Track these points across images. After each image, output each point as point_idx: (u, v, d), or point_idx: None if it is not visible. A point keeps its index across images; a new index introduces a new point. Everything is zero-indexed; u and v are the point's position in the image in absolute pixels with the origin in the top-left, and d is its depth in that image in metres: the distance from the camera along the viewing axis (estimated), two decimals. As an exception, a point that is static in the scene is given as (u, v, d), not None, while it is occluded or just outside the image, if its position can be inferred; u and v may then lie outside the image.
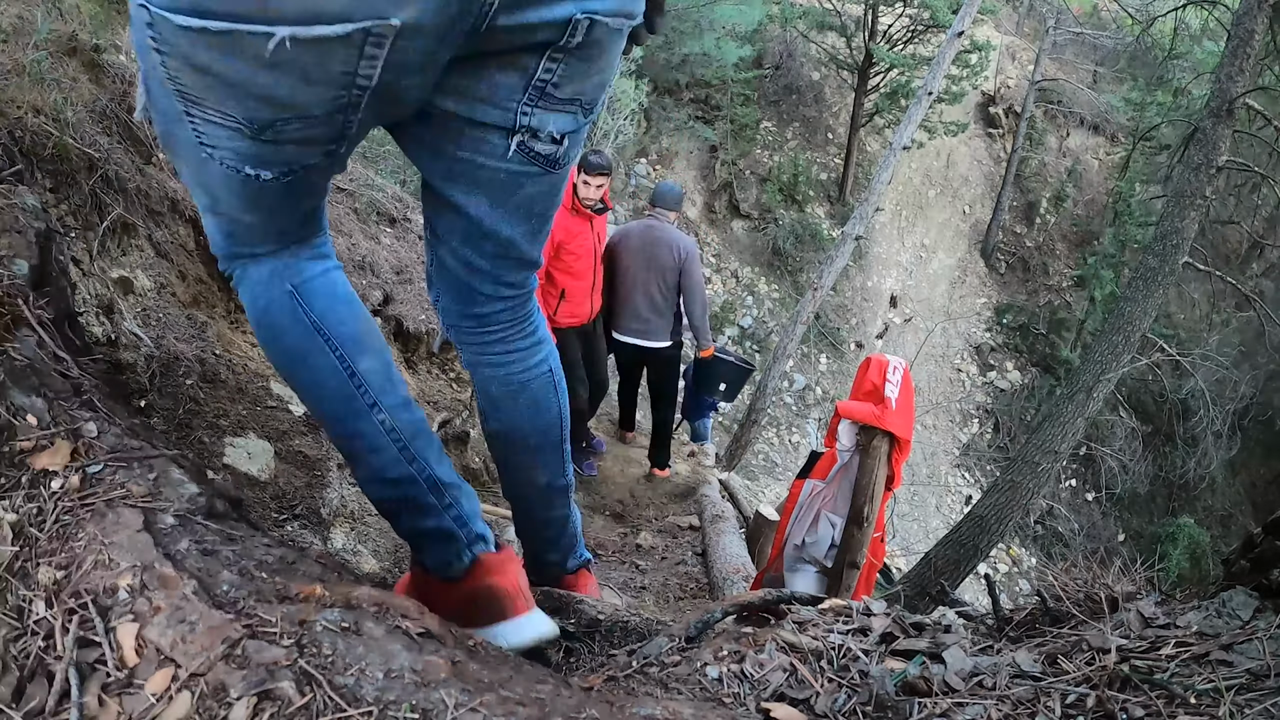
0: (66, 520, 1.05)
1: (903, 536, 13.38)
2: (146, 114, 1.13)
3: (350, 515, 2.93)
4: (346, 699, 0.86)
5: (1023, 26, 21.02)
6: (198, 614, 0.92)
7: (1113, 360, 6.91)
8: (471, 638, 1.14)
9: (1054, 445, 7.03)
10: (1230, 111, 6.45)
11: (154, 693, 0.86)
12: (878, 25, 16.05)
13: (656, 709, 0.99)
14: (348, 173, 4.83)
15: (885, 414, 2.55)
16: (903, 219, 17.78)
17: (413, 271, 4.57)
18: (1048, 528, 15.07)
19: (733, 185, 16.35)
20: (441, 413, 4.11)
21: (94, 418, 1.23)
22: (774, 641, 1.21)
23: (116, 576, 0.97)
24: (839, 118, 17.98)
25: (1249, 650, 0.98)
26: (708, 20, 12.98)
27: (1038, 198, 18.54)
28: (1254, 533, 1.18)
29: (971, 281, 17.95)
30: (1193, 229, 6.71)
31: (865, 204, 7.53)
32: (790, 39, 17.18)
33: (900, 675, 1.08)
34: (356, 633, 0.96)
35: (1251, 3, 6.36)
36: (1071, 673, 1.04)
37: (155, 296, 2.74)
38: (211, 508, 1.16)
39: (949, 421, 16.17)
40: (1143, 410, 15.34)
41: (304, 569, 1.14)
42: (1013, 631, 1.27)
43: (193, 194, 1.24)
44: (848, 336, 16.26)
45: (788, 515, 2.91)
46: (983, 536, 7.09)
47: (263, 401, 2.91)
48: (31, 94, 2.24)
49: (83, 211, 2.36)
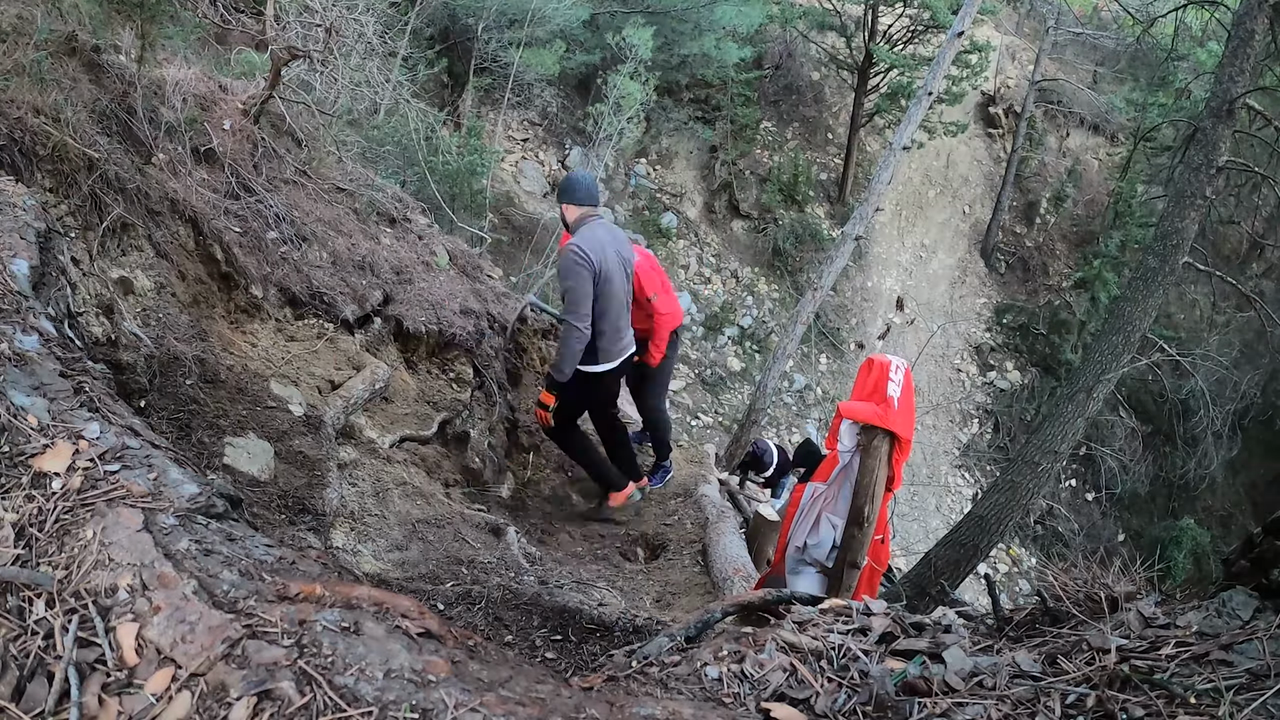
0: (66, 520, 1.05)
1: (903, 536, 13.37)
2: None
3: (350, 515, 2.92)
4: (346, 699, 0.86)
5: (1023, 26, 21.00)
6: (198, 614, 0.92)
7: (1113, 360, 6.90)
8: (471, 638, 1.14)
9: (1054, 445, 7.02)
10: (1231, 112, 6.45)
11: (154, 693, 0.86)
12: (878, 25, 16.04)
13: (656, 709, 0.99)
14: (347, 172, 4.83)
15: (888, 413, 2.55)
16: (903, 219, 17.78)
17: (413, 271, 4.57)
18: (1048, 528, 15.06)
19: (733, 185, 16.34)
20: (441, 413, 4.11)
21: (94, 418, 1.22)
22: (774, 641, 1.21)
23: (116, 576, 0.97)
24: (839, 118, 17.97)
25: (1249, 650, 0.98)
26: (708, 21, 12.98)
27: (1038, 198, 18.52)
28: (1254, 533, 1.18)
29: (971, 281, 17.94)
30: (1193, 229, 6.70)
31: (865, 204, 7.53)
32: (790, 39, 17.17)
33: (900, 675, 1.08)
34: (356, 633, 0.96)
35: (1252, 3, 6.36)
36: (1071, 673, 1.04)
37: (155, 296, 2.74)
38: (211, 507, 1.16)
39: (949, 421, 16.16)
40: (1143, 410, 15.33)
41: (304, 569, 1.14)
42: (1013, 631, 1.27)
43: None
44: (848, 336, 16.25)
45: (789, 519, 2.91)
46: (983, 536, 7.08)
47: (263, 401, 2.90)
48: (31, 94, 2.24)
49: (83, 211, 2.36)
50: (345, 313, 3.85)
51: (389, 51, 7.29)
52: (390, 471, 3.45)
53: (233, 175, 3.58)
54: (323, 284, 3.83)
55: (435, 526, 3.25)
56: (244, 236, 3.48)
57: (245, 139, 3.76)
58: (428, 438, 3.92)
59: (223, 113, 3.69)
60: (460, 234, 7.31)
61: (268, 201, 3.72)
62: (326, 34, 4.88)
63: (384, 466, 3.44)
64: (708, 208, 16.35)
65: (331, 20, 5.05)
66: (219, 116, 3.66)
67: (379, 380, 3.71)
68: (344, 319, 3.84)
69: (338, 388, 3.47)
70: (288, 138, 4.30)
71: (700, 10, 12.82)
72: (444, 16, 10.50)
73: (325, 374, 3.49)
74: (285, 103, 4.27)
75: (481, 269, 5.57)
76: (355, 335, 3.90)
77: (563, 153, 14.93)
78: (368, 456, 3.42)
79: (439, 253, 5.07)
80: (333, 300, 3.83)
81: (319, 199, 4.23)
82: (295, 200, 4.02)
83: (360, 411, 3.56)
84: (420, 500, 3.43)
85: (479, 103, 12.00)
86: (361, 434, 3.52)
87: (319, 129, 4.59)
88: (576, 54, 11.97)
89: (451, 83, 11.48)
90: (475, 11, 10.12)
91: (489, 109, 12.21)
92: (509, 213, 12.31)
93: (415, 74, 8.46)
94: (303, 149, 4.36)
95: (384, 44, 6.95)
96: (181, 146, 3.28)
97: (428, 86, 9.90)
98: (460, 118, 10.87)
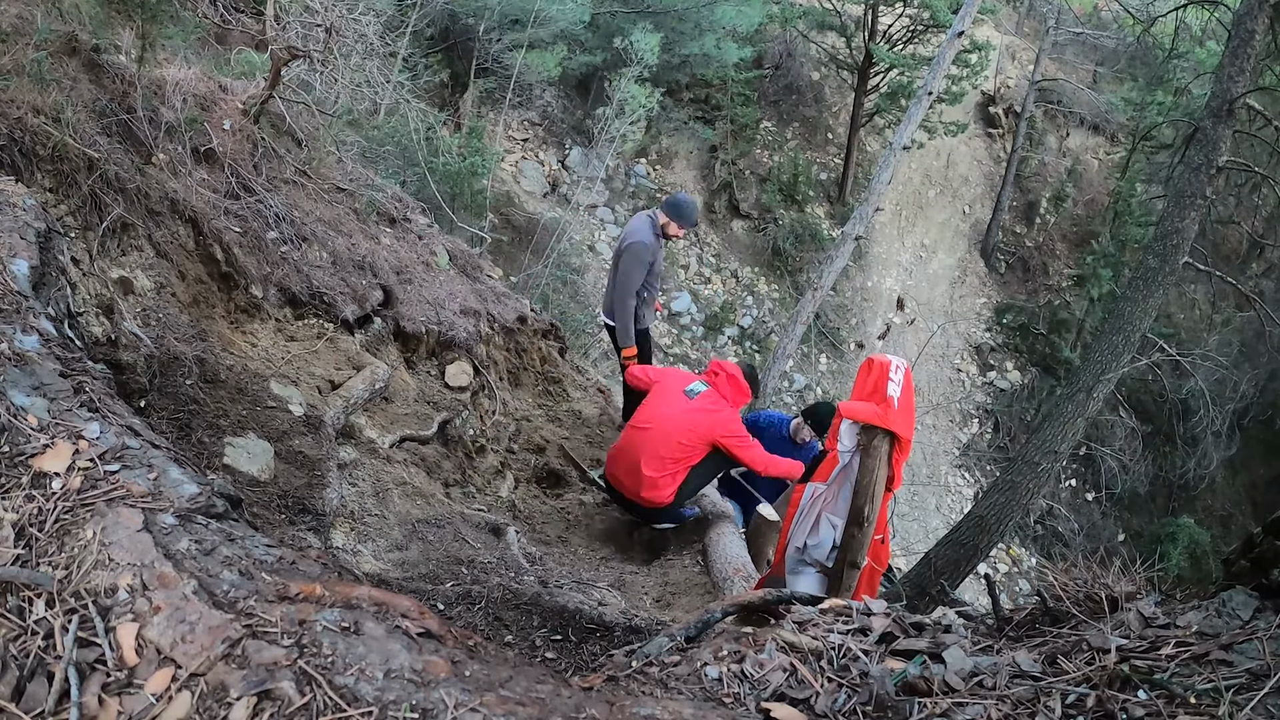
0: (66, 520, 1.05)
1: (903, 536, 13.36)
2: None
3: (350, 515, 2.92)
4: (346, 699, 0.86)
5: (1023, 26, 21.00)
6: (197, 614, 0.92)
7: (1113, 360, 6.90)
8: (471, 638, 1.14)
9: (1054, 445, 7.02)
10: (1231, 111, 6.45)
11: (154, 692, 0.86)
12: (878, 25, 16.03)
13: (656, 709, 0.99)
14: (347, 172, 4.83)
15: (888, 413, 2.55)
16: (903, 219, 17.77)
17: (413, 271, 4.57)
18: (1048, 528, 15.06)
19: (733, 185, 16.35)
20: (441, 413, 4.11)
21: (94, 418, 1.22)
22: (774, 641, 1.21)
23: (116, 576, 0.97)
24: (839, 118, 17.97)
25: (1249, 650, 0.98)
26: (708, 21, 12.97)
27: (1038, 198, 18.52)
28: (1254, 533, 1.18)
29: (971, 281, 17.94)
30: (1193, 229, 6.70)
31: (865, 204, 7.53)
32: (790, 39, 17.17)
33: (900, 675, 1.08)
34: (356, 633, 0.96)
35: (1252, 3, 6.36)
36: (1071, 673, 1.04)
37: (155, 296, 2.74)
38: (211, 507, 1.16)
39: (949, 421, 16.16)
40: (1143, 410, 15.32)
41: (304, 569, 1.14)
42: (1013, 631, 1.27)
43: None
44: (848, 336, 16.25)
45: (789, 519, 2.91)
46: (983, 536, 7.08)
47: (263, 401, 2.90)
48: (31, 94, 2.24)
49: (83, 211, 2.36)
50: (345, 313, 3.85)
51: (389, 52, 7.29)
52: (390, 471, 3.45)
53: (233, 175, 3.58)
54: (323, 284, 3.83)
55: (435, 526, 3.25)
56: (244, 236, 3.48)
57: (245, 139, 3.76)
58: (428, 438, 3.92)
59: (223, 113, 3.69)
60: (460, 234, 7.31)
61: (268, 201, 3.72)
62: (326, 34, 4.88)
63: (384, 466, 3.44)
64: (708, 208, 16.35)
65: (331, 20, 5.05)
66: (219, 116, 3.66)
67: (379, 380, 3.71)
68: (344, 319, 3.84)
69: (338, 388, 3.47)
70: (288, 138, 4.30)
71: (700, 10, 12.82)
72: (445, 17, 10.50)
73: (325, 374, 3.49)
74: (285, 103, 4.27)
75: (481, 269, 5.57)
76: (355, 335, 3.90)
77: (563, 153, 14.93)
78: (368, 456, 3.42)
79: (439, 253, 5.07)
80: (333, 300, 3.83)
81: (319, 199, 4.23)
82: (295, 200, 4.02)
83: (360, 411, 3.56)
84: (420, 500, 3.43)
85: (479, 103, 12.00)
86: (361, 434, 3.52)
87: (319, 129, 4.59)
88: (577, 54, 11.97)
89: (452, 83, 11.48)
90: (476, 12, 10.12)
91: (489, 109, 12.21)
92: (509, 213, 12.31)
93: (416, 74, 8.46)
94: (303, 149, 4.36)
95: (384, 44, 6.95)
96: (181, 146, 3.28)
97: (428, 87, 9.89)
98: (461, 118, 10.87)
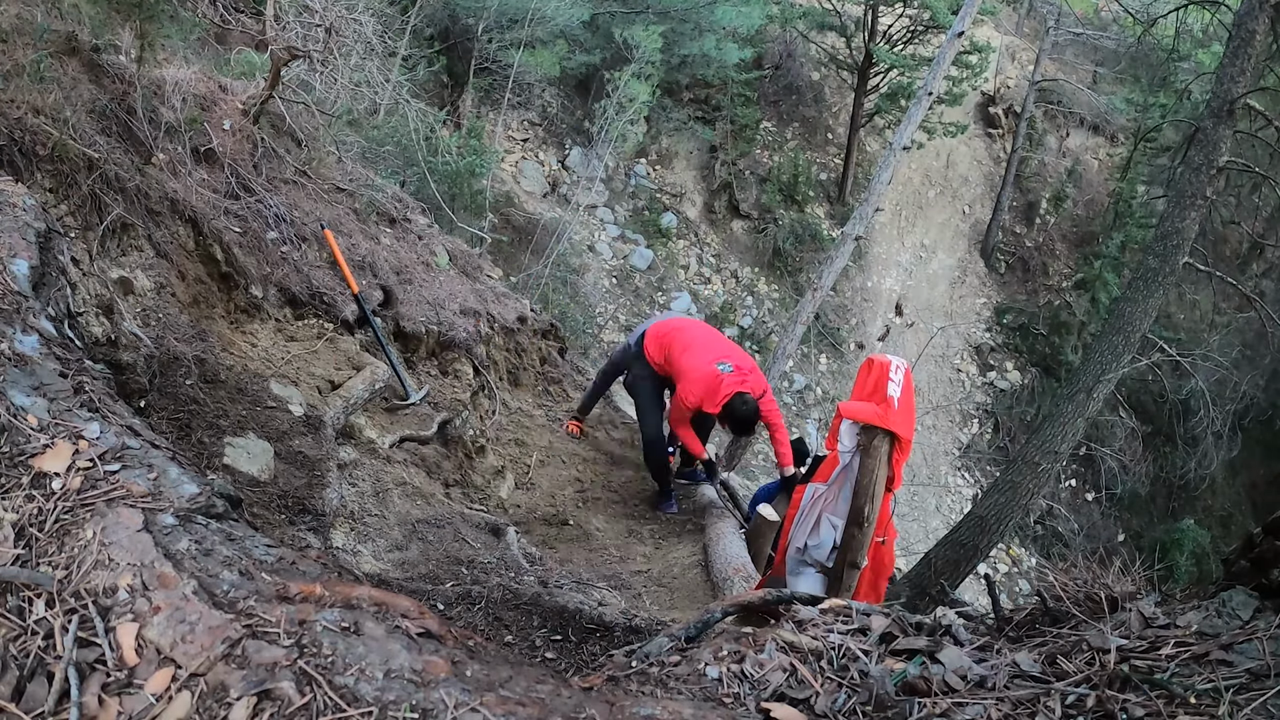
0: (66, 520, 1.05)
1: (903, 536, 13.35)
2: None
3: (350, 515, 2.92)
4: (346, 699, 0.86)
5: (1023, 27, 21.00)
6: (197, 614, 0.92)
7: (1113, 360, 6.90)
8: (472, 638, 1.14)
9: (1054, 445, 7.02)
10: (1231, 112, 6.44)
11: (154, 692, 0.86)
12: (878, 25, 16.03)
13: (656, 709, 0.99)
14: (347, 172, 4.83)
15: (888, 413, 2.54)
16: (903, 219, 17.77)
17: (412, 271, 4.57)
18: (1048, 528, 15.05)
19: (733, 185, 16.34)
20: (441, 413, 4.11)
21: (94, 418, 1.22)
22: (774, 641, 1.21)
23: (116, 576, 0.97)
24: (839, 118, 17.96)
25: (1249, 650, 0.98)
26: (708, 21, 12.98)
27: (1038, 198, 18.52)
28: (1254, 533, 1.18)
29: (971, 282, 17.94)
30: (1193, 229, 6.70)
31: (865, 204, 7.53)
32: (790, 39, 17.16)
33: (900, 675, 1.08)
34: (356, 633, 0.96)
35: (1253, 3, 6.36)
36: (1071, 673, 1.04)
37: (155, 296, 2.74)
38: (211, 507, 1.16)
39: (949, 422, 16.15)
40: (1143, 410, 15.31)
41: (304, 569, 1.14)
42: (1013, 631, 1.27)
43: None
44: (848, 337, 16.25)
45: (790, 520, 2.91)
46: (983, 537, 7.08)
47: (263, 401, 2.90)
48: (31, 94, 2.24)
49: (83, 211, 2.36)
50: (345, 313, 3.85)
51: (389, 51, 7.29)
52: (390, 471, 3.45)
53: (233, 175, 3.58)
54: (323, 284, 3.83)
55: (435, 526, 3.25)
56: (244, 236, 3.48)
57: (245, 139, 3.76)
58: (428, 438, 3.92)
59: (223, 113, 3.69)
60: (460, 234, 7.31)
61: (268, 201, 3.72)
62: (326, 34, 4.88)
63: (384, 466, 3.44)
64: (708, 208, 16.35)
65: (331, 20, 5.05)
66: (219, 116, 3.66)
67: (379, 380, 3.71)
68: (344, 319, 3.84)
69: (338, 388, 3.47)
70: (288, 138, 4.30)
71: (700, 10, 12.82)
72: (444, 16, 10.49)
73: (325, 374, 3.49)
74: (285, 103, 4.27)
75: (481, 269, 5.57)
76: (355, 335, 3.90)
77: (563, 153, 14.93)
78: (368, 456, 3.42)
79: (439, 253, 5.08)
80: (333, 300, 3.83)
81: (319, 199, 4.23)
82: (295, 200, 4.02)
83: (360, 411, 3.56)
84: (420, 500, 3.43)
85: (479, 103, 11.99)
86: (361, 434, 3.52)
87: (319, 129, 4.59)
88: (577, 54, 11.97)
89: (451, 83, 11.47)
90: (475, 12, 10.12)
91: (489, 109, 12.21)
92: (509, 213, 12.30)
93: (415, 74, 8.46)
94: (303, 149, 4.36)
95: (384, 44, 6.95)
96: (181, 146, 3.28)
97: (427, 86, 9.89)
98: (460, 118, 10.87)
